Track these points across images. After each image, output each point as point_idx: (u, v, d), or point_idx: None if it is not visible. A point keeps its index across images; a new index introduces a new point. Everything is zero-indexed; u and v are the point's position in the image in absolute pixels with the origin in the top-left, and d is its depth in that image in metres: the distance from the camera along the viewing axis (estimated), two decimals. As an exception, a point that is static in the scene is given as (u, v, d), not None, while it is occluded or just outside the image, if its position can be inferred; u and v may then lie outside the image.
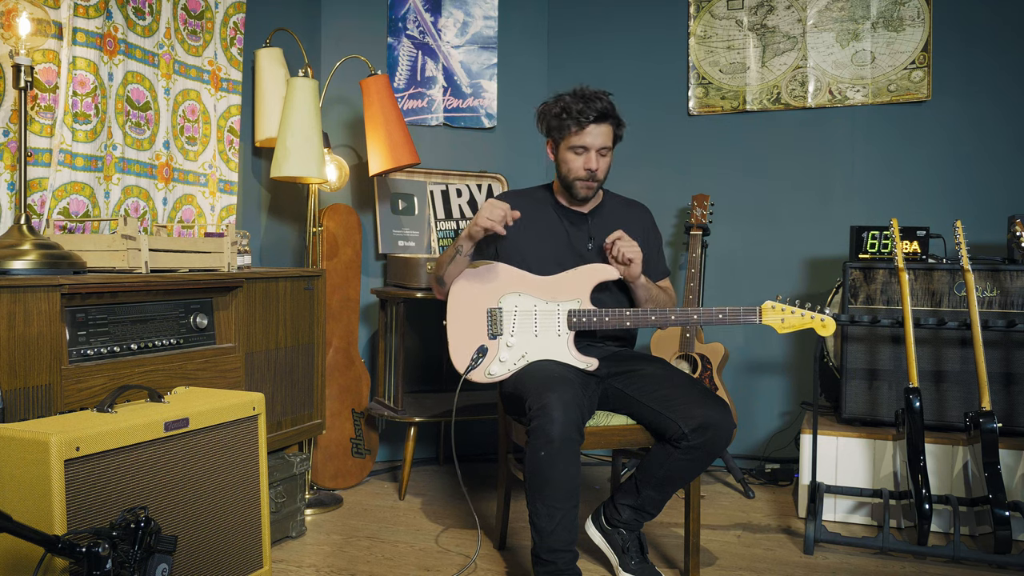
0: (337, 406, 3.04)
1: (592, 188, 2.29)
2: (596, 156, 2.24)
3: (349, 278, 3.16)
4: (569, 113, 2.21)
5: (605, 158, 2.27)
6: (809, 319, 2.11)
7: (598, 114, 2.21)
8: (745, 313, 2.13)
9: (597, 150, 2.24)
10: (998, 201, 2.99)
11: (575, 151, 2.25)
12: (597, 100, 2.22)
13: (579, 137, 2.23)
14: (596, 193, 2.35)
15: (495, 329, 2.22)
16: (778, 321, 2.12)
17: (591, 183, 2.28)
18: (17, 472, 1.45)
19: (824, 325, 2.11)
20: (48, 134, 2.10)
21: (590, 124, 2.21)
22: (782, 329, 2.13)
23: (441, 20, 3.48)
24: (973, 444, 2.42)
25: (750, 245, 3.36)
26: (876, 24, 3.15)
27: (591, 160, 2.24)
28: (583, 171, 2.25)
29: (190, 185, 2.60)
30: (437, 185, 3.46)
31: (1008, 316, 2.61)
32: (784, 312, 2.12)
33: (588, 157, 2.24)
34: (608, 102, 2.24)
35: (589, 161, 2.24)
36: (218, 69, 2.68)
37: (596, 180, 2.28)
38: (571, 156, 2.26)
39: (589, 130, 2.22)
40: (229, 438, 1.83)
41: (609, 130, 2.25)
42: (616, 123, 2.27)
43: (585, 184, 2.28)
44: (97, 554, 1.32)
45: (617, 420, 2.18)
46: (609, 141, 2.26)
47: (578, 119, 2.20)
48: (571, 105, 2.22)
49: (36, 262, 1.80)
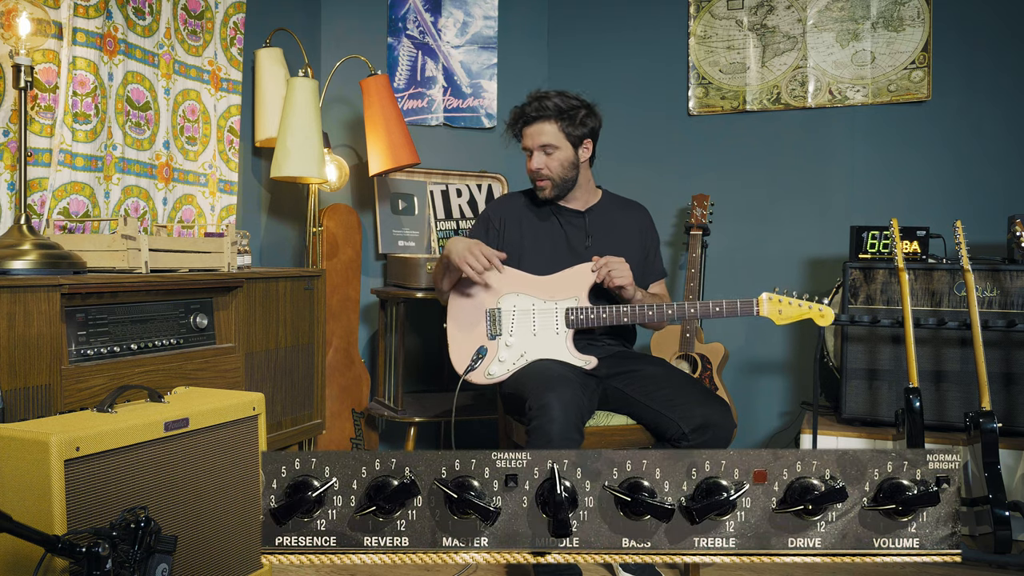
0: (337, 406, 3.04)
1: (544, 187, 2.33)
2: (538, 155, 2.30)
3: (349, 278, 3.16)
4: (510, 120, 2.34)
5: (552, 156, 2.29)
6: (807, 309, 2.12)
7: (527, 117, 2.29)
8: (743, 305, 2.13)
9: (539, 148, 2.29)
10: (998, 201, 2.99)
11: (525, 154, 2.35)
12: (534, 101, 2.29)
13: (522, 141, 2.34)
14: (561, 191, 2.34)
15: (494, 329, 2.22)
16: (776, 312, 2.12)
17: (542, 182, 2.33)
18: (17, 472, 1.45)
19: (822, 315, 2.11)
20: (48, 134, 2.10)
21: (524, 127, 2.31)
22: (780, 320, 2.13)
23: (441, 20, 3.48)
24: (973, 444, 2.42)
25: (750, 245, 3.36)
26: (876, 24, 3.15)
27: (532, 160, 2.31)
28: (531, 172, 2.33)
29: (190, 185, 2.60)
30: (437, 185, 3.46)
31: (1008, 316, 2.61)
32: (781, 303, 2.12)
33: (534, 158, 2.31)
34: (546, 102, 2.26)
35: (533, 162, 2.31)
36: (218, 69, 2.69)
37: (546, 178, 2.31)
38: (526, 159, 2.35)
39: (526, 132, 2.32)
40: (229, 438, 1.83)
41: (548, 127, 2.27)
42: (561, 115, 2.26)
43: (537, 184, 2.34)
44: (97, 554, 1.32)
45: (617, 420, 2.18)
46: (551, 138, 2.28)
47: (513, 126, 2.34)
48: (512, 112, 2.34)
49: (36, 262, 1.80)
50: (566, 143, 2.28)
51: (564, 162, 2.29)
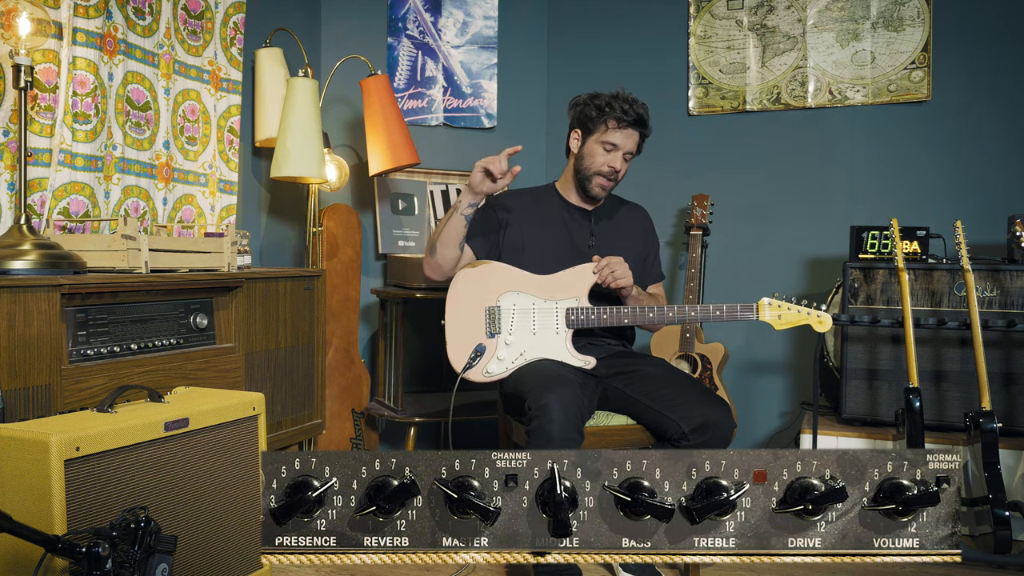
0: (337, 406, 3.04)
1: (607, 188, 2.33)
2: (622, 158, 2.29)
3: (349, 278, 3.16)
4: (613, 108, 2.25)
5: (627, 164, 2.32)
6: (805, 315, 2.13)
7: (638, 117, 2.26)
8: (742, 309, 2.14)
9: (624, 153, 2.28)
10: (998, 201, 2.99)
11: (605, 147, 2.28)
12: (641, 106, 2.28)
13: (613, 134, 2.26)
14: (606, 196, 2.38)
15: (493, 328, 2.22)
16: (775, 317, 2.13)
17: (608, 183, 2.31)
18: (17, 472, 1.45)
19: (820, 321, 2.12)
20: (48, 134, 2.10)
21: (629, 126, 2.26)
22: (779, 325, 2.14)
23: (441, 20, 3.48)
24: (973, 444, 2.42)
25: (750, 245, 3.36)
26: (876, 24, 3.15)
27: (617, 160, 2.28)
28: (606, 167, 2.29)
29: (190, 185, 2.60)
30: (437, 185, 3.46)
31: (1008, 316, 2.61)
32: (780, 308, 2.13)
33: (616, 156, 2.28)
34: (646, 113, 2.29)
35: (615, 160, 2.28)
36: (218, 69, 2.68)
37: (614, 180, 2.32)
38: (599, 150, 2.29)
39: (626, 131, 2.27)
40: (229, 438, 1.83)
41: (639, 138, 2.31)
42: (645, 135, 2.32)
43: (602, 182, 2.31)
44: (97, 554, 1.32)
45: (617, 420, 2.18)
46: (635, 148, 2.32)
47: (621, 117, 2.25)
48: (615, 102, 2.26)
49: (36, 262, 1.80)
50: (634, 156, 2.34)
51: (626, 171, 2.34)
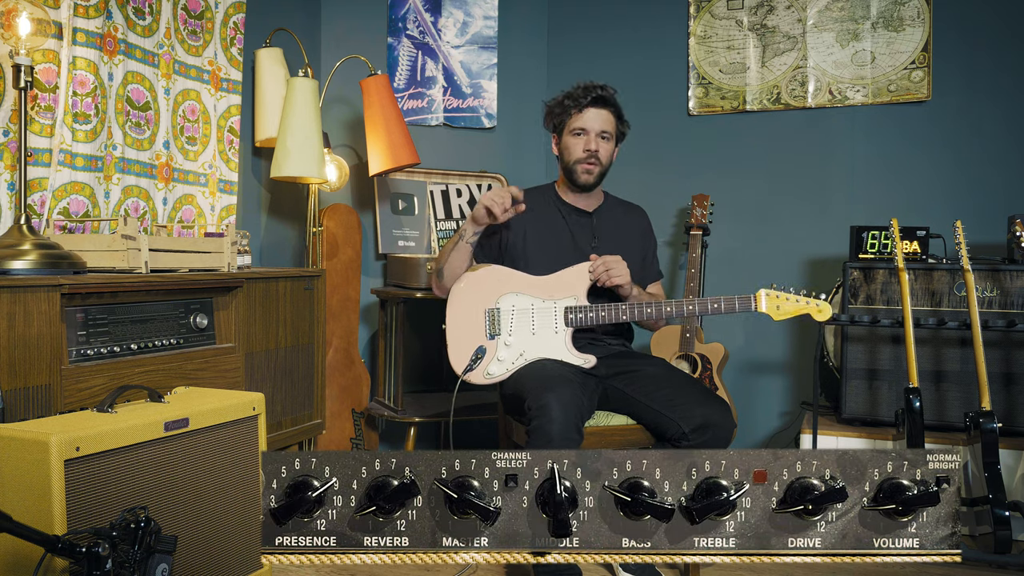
0: (337, 406, 3.04)
1: (592, 172, 2.32)
2: (596, 138, 2.29)
3: (349, 278, 3.16)
4: (571, 97, 2.30)
5: (607, 143, 2.31)
6: (804, 304, 2.13)
7: (596, 97, 2.28)
8: (741, 301, 2.14)
9: (597, 133, 2.29)
10: (998, 201, 2.99)
11: (575, 134, 2.31)
12: (598, 88, 2.30)
13: (578, 119, 2.29)
14: (598, 181, 2.36)
15: (493, 329, 2.22)
16: (774, 308, 2.14)
17: (590, 165, 2.30)
18: (17, 472, 1.45)
19: (819, 310, 2.12)
20: (48, 134, 2.10)
21: (588, 107, 2.28)
22: (778, 316, 2.14)
23: (441, 20, 3.48)
24: (973, 444, 2.42)
25: (750, 245, 3.36)
26: (876, 24, 3.15)
27: (590, 141, 2.29)
28: (582, 152, 2.29)
29: (190, 185, 2.60)
30: (437, 185, 3.46)
31: (1008, 316, 2.61)
32: (779, 299, 2.13)
33: (588, 139, 2.29)
34: (610, 92, 2.32)
35: (588, 142, 2.29)
36: (218, 69, 2.68)
37: (597, 163, 2.31)
38: (572, 140, 2.31)
39: (588, 112, 2.29)
40: (229, 438, 1.83)
41: (609, 117, 2.31)
42: (617, 112, 2.33)
43: (584, 166, 2.31)
44: (97, 554, 1.32)
45: (617, 420, 2.18)
46: (609, 127, 2.31)
47: (578, 101, 2.28)
48: (572, 91, 2.31)
49: (36, 262, 1.80)
50: (613, 138, 2.34)
51: (610, 154, 2.35)
